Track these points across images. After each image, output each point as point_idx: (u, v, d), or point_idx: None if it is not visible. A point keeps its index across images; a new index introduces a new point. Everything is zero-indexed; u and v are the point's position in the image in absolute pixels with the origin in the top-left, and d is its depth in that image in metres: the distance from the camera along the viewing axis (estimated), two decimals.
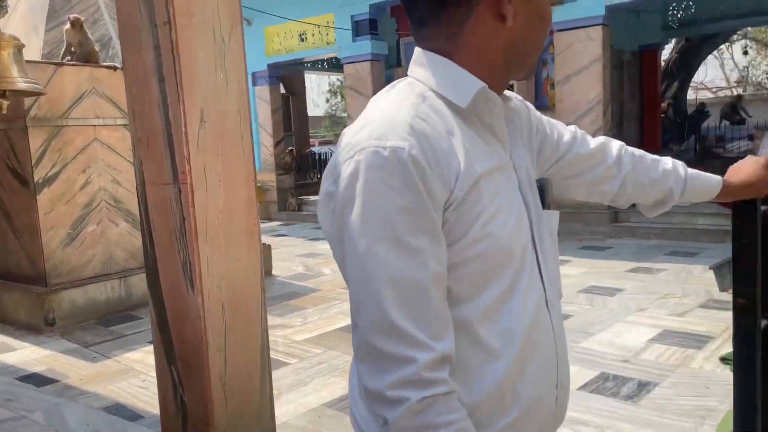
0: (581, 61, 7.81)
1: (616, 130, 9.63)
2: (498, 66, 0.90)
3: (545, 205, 0.99)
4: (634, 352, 3.87)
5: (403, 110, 0.83)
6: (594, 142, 1.18)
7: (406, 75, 0.93)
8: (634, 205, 1.29)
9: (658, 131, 11.31)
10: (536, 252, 0.93)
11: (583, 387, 3.36)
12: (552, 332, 0.92)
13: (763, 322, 1.38)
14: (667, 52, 13.90)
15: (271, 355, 3.93)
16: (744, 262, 1.32)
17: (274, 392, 2.84)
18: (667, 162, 1.23)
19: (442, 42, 0.89)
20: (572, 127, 1.18)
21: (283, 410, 3.30)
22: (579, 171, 1.17)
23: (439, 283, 0.80)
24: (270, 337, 4.32)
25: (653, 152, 1.28)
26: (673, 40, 13.59)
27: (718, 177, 1.27)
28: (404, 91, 0.88)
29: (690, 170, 1.25)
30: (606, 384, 3.40)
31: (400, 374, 0.75)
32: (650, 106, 11.18)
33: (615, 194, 1.20)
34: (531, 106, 1.12)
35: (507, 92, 1.02)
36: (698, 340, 4.01)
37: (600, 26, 7.65)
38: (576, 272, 6.10)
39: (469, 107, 0.87)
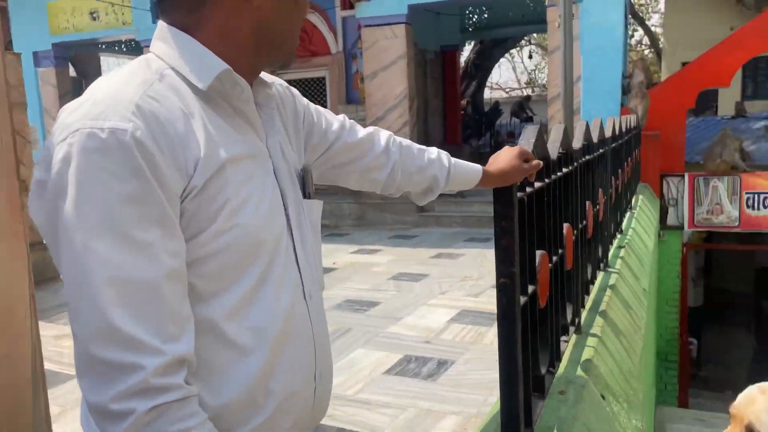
0: (387, 57, 8.11)
1: (422, 125, 10.18)
2: (246, 48, 0.85)
3: (305, 194, 0.97)
4: (435, 333, 4.10)
5: (131, 88, 0.74)
6: (362, 131, 1.19)
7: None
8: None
9: (458, 127, 12.19)
10: (293, 242, 0.89)
11: (388, 371, 3.48)
12: (309, 323, 0.90)
13: (522, 299, 1.51)
14: (466, 53, 15.05)
15: (55, 368, 3.54)
16: (504, 244, 1.43)
17: (57, 409, 2.53)
18: (433, 152, 1.28)
19: (184, 16, 0.82)
20: (341, 117, 1.17)
21: (69, 428, 2.96)
22: (348, 160, 1.16)
23: (174, 280, 0.72)
24: (55, 348, 3.90)
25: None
26: (471, 42, 14.73)
27: (479, 166, 1.35)
28: (139, 67, 0.79)
29: (454, 159, 1.31)
30: (409, 366, 3.56)
31: (124, 384, 0.67)
32: (452, 103, 12.00)
33: (385, 183, 1.22)
34: (297, 93, 1.08)
35: (268, 77, 0.97)
36: (490, 318, 4.37)
37: (403, 24, 8.01)
38: (385, 260, 6.34)
39: (211, 90, 0.81)
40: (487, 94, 17.48)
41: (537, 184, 1.67)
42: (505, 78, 30.76)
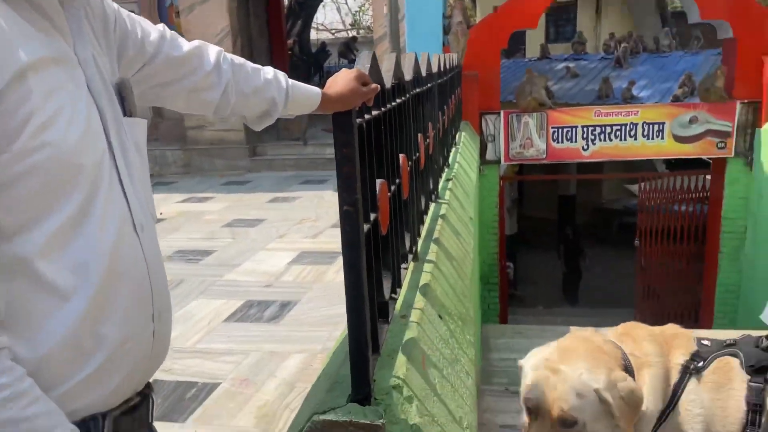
0: None
1: None
2: None
3: (126, 111, 0.84)
4: (275, 277, 4.05)
5: None
6: (187, 45, 1.06)
7: None
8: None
9: (286, 68, 11.87)
10: (116, 167, 0.77)
11: (228, 318, 3.38)
12: (143, 258, 0.80)
13: (366, 227, 1.51)
14: None
15: None
16: (346, 171, 1.40)
17: None
18: (269, 71, 1.20)
19: None
20: (160, 26, 1.03)
21: None
22: (174, 77, 1.03)
23: None
24: None
25: None
26: None
27: (317, 89, 1.29)
28: None
29: (292, 81, 1.24)
30: (250, 311, 3.49)
31: None
32: (278, 43, 11.61)
33: (218, 104, 1.11)
34: None
35: None
36: (330, 257, 4.41)
37: None
38: (219, 208, 6.09)
39: None
40: (313, 35, 17.19)
41: (374, 112, 1.66)
42: (330, 19, 30.49)
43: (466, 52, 6.89)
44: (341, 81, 1.32)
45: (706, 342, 1.61)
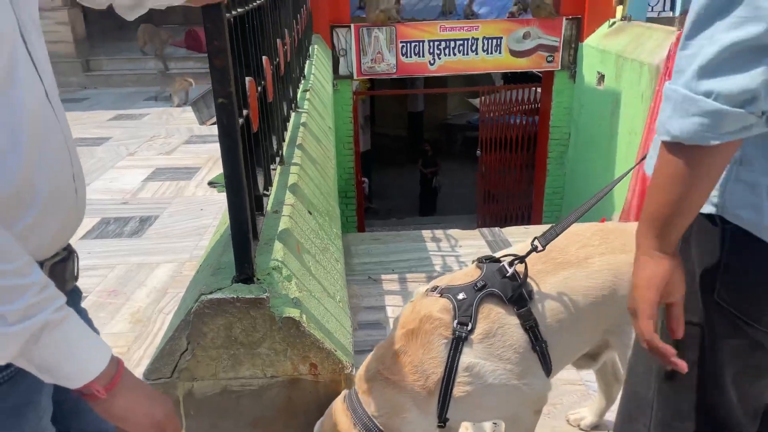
0: None
1: None
2: None
3: None
4: (131, 194, 3.93)
5: None
6: None
7: None
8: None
9: None
10: (24, 41, 0.80)
11: (86, 236, 3.27)
12: (58, 125, 0.85)
13: (240, 120, 1.59)
14: None
15: None
16: (218, 64, 1.45)
17: None
18: None
19: None
20: None
21: None
22: None
23: None
24: None
25: None
26: None
27: None
28: None
29: None
30: (108, 228, 3.39)
31: None
32: None
33: None
34: None
35: None
36: (188, 173, 4.34)
37: None
38: None
39: None
40: None
41: (239, 9, 1.69)
42: None
43: None
44: None
45: (461, 296, 1.44)
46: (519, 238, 3.97)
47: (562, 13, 7.09)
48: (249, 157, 1.73)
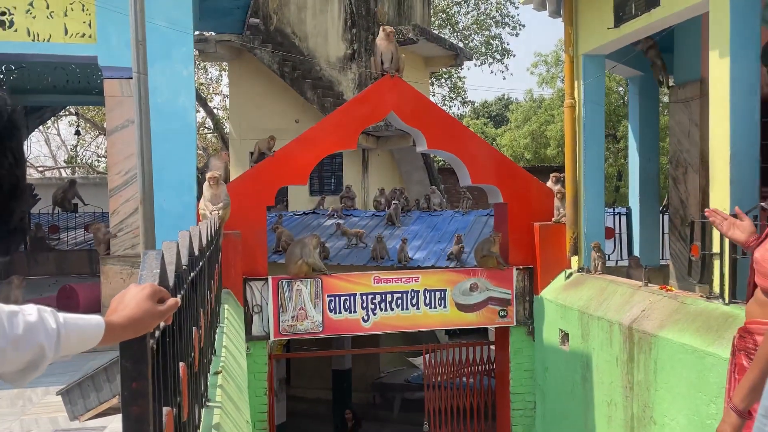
0: None
1: None
2: None
3: None
4: None
5: None
6: None
7: None
8: None
9: None
10: None
11: None
12: None
13: None
14: None
15: None
16: (136, 413, 1.32)
17: None
18: (30, 312, 1.15)
19: None
20: None
21: None
22: None
23: None
24: None
25: None
26: None
27: (98, 318, 1.24)
28: None
29: (63, 315, 1.19)
30: None
31: None
32: None
33: None
34: None
35: None
36: None
37: None
38: None
39: None
40: None
41: (161, 324, 1.61)
42: (37, 153, 28.99)
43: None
44: (131, 302, 1.29)
45: None
46: None
47: (512, 263, 7.54)
48: None
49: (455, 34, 25.56)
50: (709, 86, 5.23)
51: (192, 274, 2.59)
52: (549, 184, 7.71)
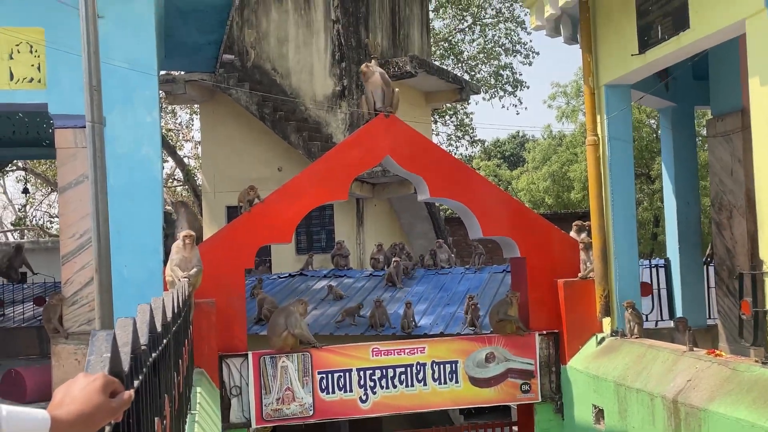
0: None
1: None
2: None
3: None
4: None
5: None
6: None
7: None
8: None
9: None
10: None
11: None
12: None
13: None
14: None
15: None
16: None
17: None
18: None
19: None
20: None
21: None
22: None
23: None
24: None
25: None
26: None
27: (44, 413, 1.24)
28: None
29: (6, 409, 1.19)
30: None
31: None
32: None
33: None
34: None
35: None
36: None
37: None
38: None
39: None
40: None
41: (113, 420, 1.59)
42: None
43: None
44: (79, 394, 1.28)
45: None
46: None
47: (533, 328, 7.48)
48: None
49: (460, 65, 25.89)
50: (750, 117, 5.28)
51: (154, 355, 2.56)
52: (572, 233, 7.71)
